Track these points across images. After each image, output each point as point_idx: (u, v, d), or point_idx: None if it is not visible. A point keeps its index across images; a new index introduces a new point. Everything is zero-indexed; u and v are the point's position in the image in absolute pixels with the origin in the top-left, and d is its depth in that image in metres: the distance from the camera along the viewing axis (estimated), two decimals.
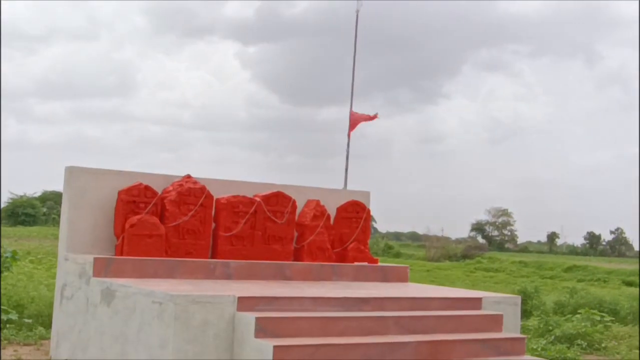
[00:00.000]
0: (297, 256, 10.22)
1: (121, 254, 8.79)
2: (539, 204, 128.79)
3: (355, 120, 14.82)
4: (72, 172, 9.21)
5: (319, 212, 10.40)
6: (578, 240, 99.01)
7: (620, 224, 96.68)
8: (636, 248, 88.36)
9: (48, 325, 10.46)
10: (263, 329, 6.90)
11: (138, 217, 8.93)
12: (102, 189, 9.23)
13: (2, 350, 9.76)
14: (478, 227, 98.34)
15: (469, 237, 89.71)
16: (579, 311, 16.45)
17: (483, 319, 8.42)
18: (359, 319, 7.55)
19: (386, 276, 10.48)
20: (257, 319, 6.89)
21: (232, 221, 9.62)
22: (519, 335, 8.61)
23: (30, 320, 11.33)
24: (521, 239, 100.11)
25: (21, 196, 59.20)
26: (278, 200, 10.02)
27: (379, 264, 10.91)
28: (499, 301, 8.95)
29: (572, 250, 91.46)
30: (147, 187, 9.19)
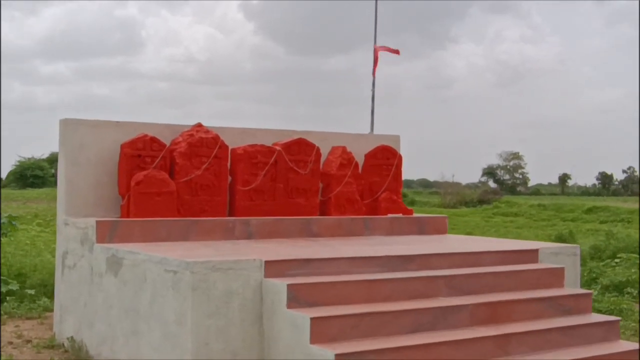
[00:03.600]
0: (323, 210, 9.17)
1: (127, 216, 7.75)
2: (549, 146, 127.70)
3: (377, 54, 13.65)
4: (67, 125, 8.12)
5: (346, 159, 9.31)
6: (589, 181, 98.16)
7: (632, 162, 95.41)
8: None
9: (52, 296, 9.48)
10: (296, 297, 5.88)
11: (144, 173, 7.86)
12: (103, 143, 8.15)
13: (2, 326, 8.80)
14: (489, 172, 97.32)
15: (480, 182, 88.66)
16: (618, 255, 15.45)
17: (542, 274, 7.39)
18: (405, 280, 6.52)
19: (423, 228, 9.43)
20: (289, 286, 5.86)
21: (251, 173, 8.54)
22: (583, 290, 7.60)
23: (32, 291, 10.38)
24: (532, 182, 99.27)
25: (29, 158, 58.56)
26: (300, 148, 8.93)
27: (414, 214, 9.85)
28: (557, 252, 7.91)
29: (585, 191, 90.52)
30: (153, 139, 8.10)
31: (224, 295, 5.91)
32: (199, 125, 8.47)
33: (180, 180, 8.09)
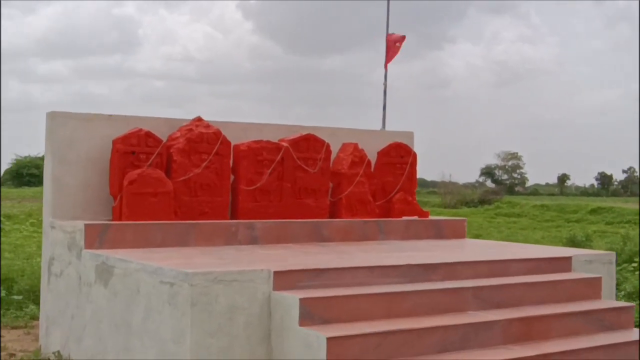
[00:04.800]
0: (333, 212, 8.46)
1: (119, 219, 7.03)
2: (547, 146, 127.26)
3: (392, 46, 12.97)
4: (55, 119, 7.41)
5: (358, 157, 8.60)
6: (587, 181, 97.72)
7: (631, 163, 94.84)
8: None
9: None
10: (310, 313, 5.18)
11: (138, 171, 7.15)
12: (94, 139, 7.44)
13: None
14: (487, 171, 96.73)
15: (477, 181, 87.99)
16: (635, 259, 14.77)
17: (577, 284, 6.69)
18: (430, 292, 5.82)
19: (441, 232, 8.73)
20: (302, 300, 5.16)
21: (255, 172, 7.83)
22: (624, 303, 6.90)
23: (20, 297, 9.66)
24: (530, 182, 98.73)
25: (25, 157, 57.89)
26: (309, 145, 8.21)
27: (431, 217, 9.15)
28: (591, 260, 7.21)
29: (583, 192, 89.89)
30: (148, 134, 7.38)
31: (227, 310, 5.20)
32: (199, 119, 7.76)
33: (178, 179, 7.37)
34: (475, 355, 5.40)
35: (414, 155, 9.17)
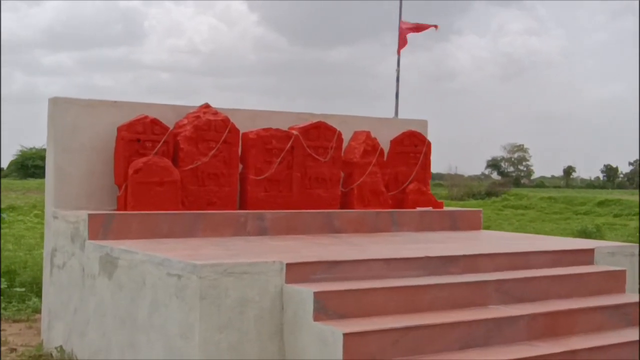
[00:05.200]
0: (344, 202, 8.18)
1: (124, 208, 6.77)
2: (553, 138, 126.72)
3: (405, 32, 12.67)
4: (57, 105, 7.13)
5: (370, 146, 8.31)
6: (593, 174, 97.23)
7: (636, 155, 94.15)
8: None
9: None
10: (324, 307, 4.91)
11: (144, 159, 6.88)
12: (98, 125, 7.17)
13: None
14: (493, 164, 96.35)
15: (483, 174, 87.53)
16: None
17: (601, 278, 6.43)
18: (450, 286, 5.56)
19: (456, 223, 8.45)
20: (316, 293, 4.90)
21: (264, 161, 7.56)
22: None
23: (22, 289, 9.41)
24: (535, 174, 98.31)
25: (30, 148, 57.83)
26: (320, 133, 7.93)
27: (445, 208, 8.87)
28: (614, 252, 6.93)
29: (589, 184, 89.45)
30: (154, 121, 7.11)
31: (237, 304, 4.94)
32: (207, 106, 7.48)
33: (185, 168, 7.11)
34: (499, 352, 5.13)
35: (429, 144, 8.88)
